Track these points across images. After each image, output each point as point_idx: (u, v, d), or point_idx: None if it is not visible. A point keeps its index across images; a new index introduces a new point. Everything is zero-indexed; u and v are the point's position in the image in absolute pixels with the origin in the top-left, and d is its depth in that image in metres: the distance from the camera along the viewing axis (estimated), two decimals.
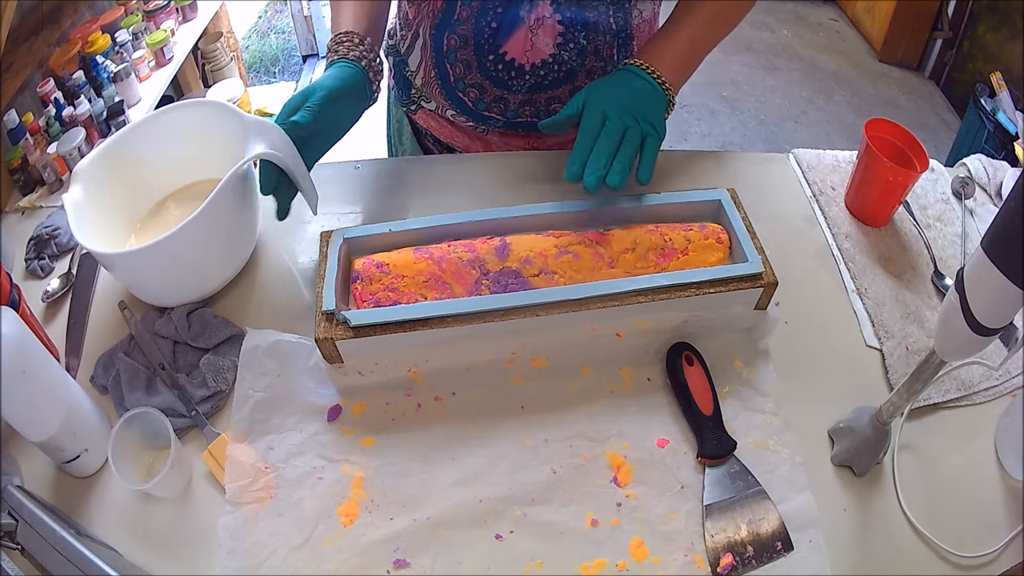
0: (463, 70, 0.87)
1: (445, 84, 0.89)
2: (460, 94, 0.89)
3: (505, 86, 0.87)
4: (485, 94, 0.88)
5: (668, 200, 0.76)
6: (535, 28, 0.83)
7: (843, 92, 2.74)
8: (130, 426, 0.62)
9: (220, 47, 2.27)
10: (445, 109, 0.93)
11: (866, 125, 0.83)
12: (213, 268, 0.75)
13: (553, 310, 0.68)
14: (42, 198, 1.21)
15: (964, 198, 0.90)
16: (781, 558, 0.61)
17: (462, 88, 0.88)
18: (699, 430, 0.66)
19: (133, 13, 1.78)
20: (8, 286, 0.66)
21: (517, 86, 0.87)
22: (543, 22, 0.82)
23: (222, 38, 2.28)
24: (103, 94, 1.58)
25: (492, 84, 0.87)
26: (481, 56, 0.85)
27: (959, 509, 0.64)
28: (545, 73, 0.86)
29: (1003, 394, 0.72)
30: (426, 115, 0.97)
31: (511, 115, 0.90)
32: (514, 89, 0.87)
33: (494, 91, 0.88)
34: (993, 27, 2.36)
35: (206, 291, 0.76)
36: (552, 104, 0.89)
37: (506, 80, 0.87)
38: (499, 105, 0.89)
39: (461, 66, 0.87)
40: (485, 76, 0.87)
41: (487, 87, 0.87)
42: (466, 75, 0.87)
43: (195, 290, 0.75)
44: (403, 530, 0.62)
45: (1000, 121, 1.93)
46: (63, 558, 0.54)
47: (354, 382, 0.69)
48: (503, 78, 0.86)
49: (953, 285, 0.52)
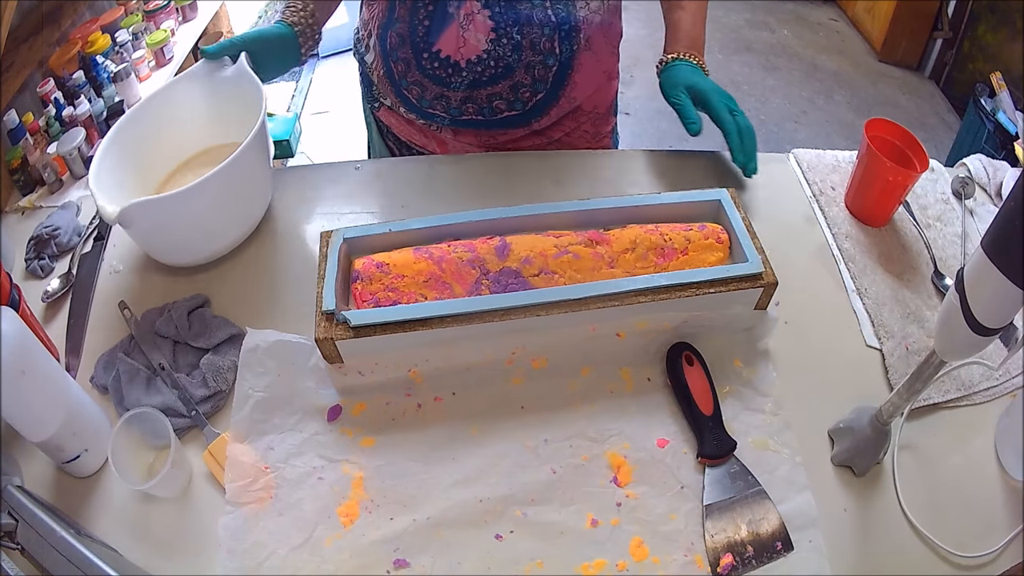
0: (404, 68, 0.89)
1: (392, 82, 0.92)
2: (405, 91, 0.91)
3: (444, 83, 0.88)
4: (426, 91, 0.89)
5: (668, 200, 0.76)
6: (465, 24, 0.83)
7: (843, 92, 2.74)
8: (130, 426, 0.62)
9: None
10: (398, 106, 0.95)
11: (866, 125, 0.83)
12: (231, 224, 0.80)
13: (553, 310, 0.68)
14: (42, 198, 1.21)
15: (964, 198, 0.90)
16: (781, 558, 0.61)
17: (406, 86, 0.90)
18: (699, 430, 0.66)
19: (133, 13, 1.78)
20: (8, 286, 0.66)
21: (455, 83, 0.88)
22: (472, 18, 0.83)
23: (222, 38, 2.28)
24: (103, 94, 1.58)
25: (431, 81, 0.88)
26: (418, 54, 0.87)
27: (959, 509, 0.64)
28: (482, 70, 0.86)
29: (1003, 394, 0.72)
30: (387, 113, 0.99)
31: (455, 112, 0.91)
32: (453, 86, 0.88)
33: (434, 88, 0.89)
34: (993, 27, 2.36)
35: (221, 249, 0.80)
36: (493, 100, 0.89)
37: (444, 77, 0.87)
38: (441, 103, 0.90)
39: (402, 64, 0.89)
40: (423, 74, 0.88)
41: (427, 85, 0.89)
42: (407, 73, 0.89)
43: (209, 247, 0.79)
44: (403, 530, 0.62)
45: (1000, 121, 1.93)
46: (63, 558, 0.54)
47: (354, 382, 0.69)
48: (440, 75, 0.87)
49: (953, 285, 0.52)
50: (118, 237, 0.84)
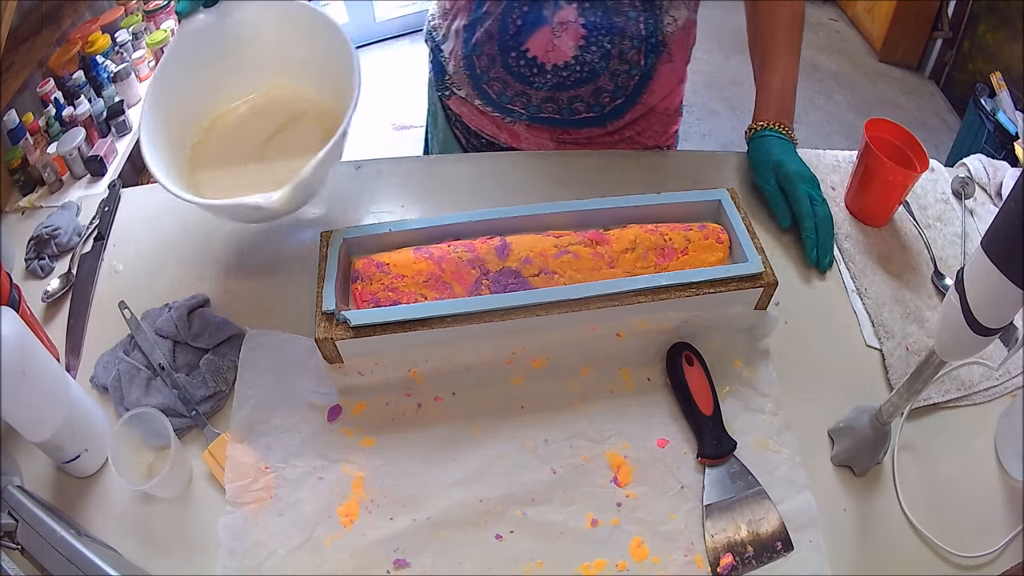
0: (487, 63, 0.89)
1: (472, 75, 0.92)
2: (485, 86, 0.91)
3: (527, 82, 0.89)
4: (508, 88, 0.90)
5: (668, 200, 0.76)
6: (558, 31, 0.84)
7: (843, 92, 2.74)
8: (130, 426, 0.62)
9: None
10: (473, 98, 0.95)
11: (866, 125, 0.83)
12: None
13: (553, 310, 0.68)
14: (42, 198, 1.21)
15: (964, 198, 0.90)
16: (781, 558, 0.61)
17: (486, 80, 0.91)
18: (699, 430, 0.66)
19: (133, 13, 1.78)
20: (8, 286, 0.66)
21: (539, 83, 0.88)
22: (567, 26, 0.84)
23: None
24: (103, 94, 1.58)
25: (514, 79, 0.89)
26: (505, 52, 0.87)
27: (959, 509, 0.64)
28: (568, 74, 0.87)
29: (1003, 394, 0.72)
30: (458, 102, 0.99)
31: (534, 110, 0.91)
32: (536, 86, 0.89)
33: (516, 86, 0.90)
34: (993, 27, 2.36)
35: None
36: (574, 103, 0.90)
37: (528, 77, 0.88)
38: (522, 99, 0.91)
39: (486, 59, 0.89)
40: (508, 71, 0.88)
41: (509, 82, 0.89)
42: (490, 68, 0.89)
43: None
44: (403, 530, 0.62)
45: (1000, 121, 1.93)
46: (63, 558, 0.54)
47: (354, 382, 0.69)
48: (525, 74, 0.88)
49: (953, 285, 0.52)
50: (118, 237, 0.84)
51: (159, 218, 0.86)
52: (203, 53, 0.78)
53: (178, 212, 0.87)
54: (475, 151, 1.01)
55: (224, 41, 0.79)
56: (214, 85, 0.81)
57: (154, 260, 0.81)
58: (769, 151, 0.85)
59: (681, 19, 0.88)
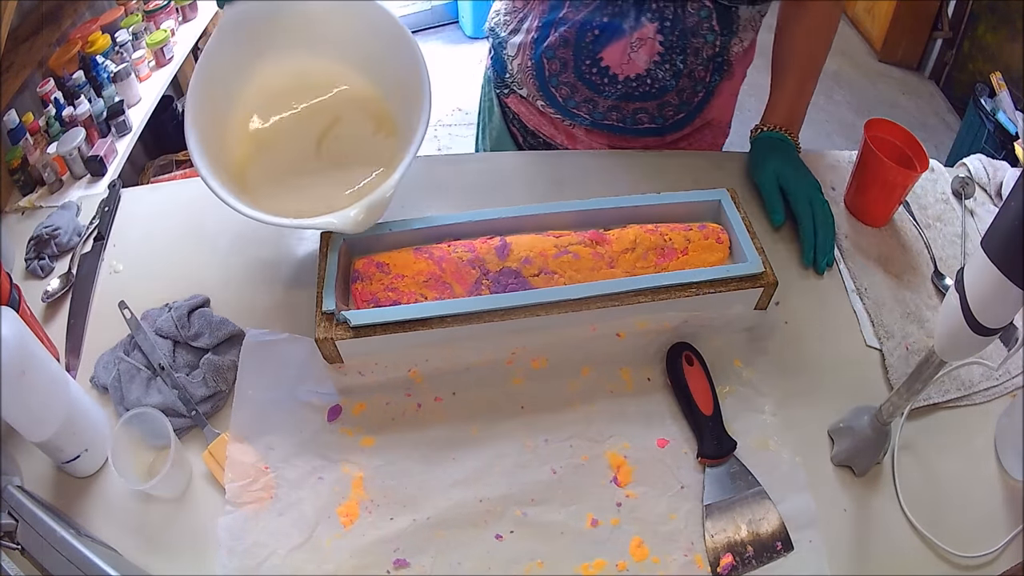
0: (559, 67, 0.90)
1: (539, 76, 0.92)
2: (552, 89, 0.92)
3: (596, 90, 0.90)
4: (576, 93, 0.91)
5: (668, 200, 0.76)
6: (636, 45, 0.85)
7: (843, 92, 2.74)
8: (130, 426, 0.62)
9: None
10: (536, 99, 0.95)
11: (866, 125, 0.83)
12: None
13: (553, 310, 0.68)
14: (42, 198, 1.21)
15: (964, 198, 0.90)
16: (781, 558, 0.61)
17: (555, 84, 0.91)
18: (699, 430, 0.66)
19: (133, 13, 1.78)
20: (8, 286, 0.66)
21: (608, 92, 0.89)
22: (645, 42, 0.85)
23: None
24: (103, 94, 1.57)
25: (584, 86, 0.90)
26: (579, 58, 0.88)
27: (959, 509, 0.64)
28: (637, 86, 0.88)
29: (1003, 394, 0.72)
30: (517, 100, 0.99)
31: (598, 116, 0.92)
32: (605, 94, 0.90)
33: (585, 92, 0.90)
34: (993, 27, 2.36)
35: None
36: (638, 114, 0.92)
37: (598, 85, 0.89)
38: (588, 106, 0.92)
39: (558, 63, 0.89)
40: (579, 77, 0.89)
41: (579, 87, 0.90)
42: (561, 73, 0.90)
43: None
44: (403, 530, 0.62)
45: (1000, 121, 1.93)
46: (63, 558, 0.54)
47: (354, 382, 0.69)
48: (595, 82, 0.89)
49: (953, 285, 0.52)
50: (118, 237, 0.84)
51: (159, 218, 0.86)
52: (244, 37, 0.75)
53: (178, 212, 0.87)
54: (531, 150, 1.02)
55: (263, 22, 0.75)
56: (253, 72, 0.77)
57: (154, 260, 0.81)
58: (772, 150, 0.86)
59: (747, 40, 0.90)
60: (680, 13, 0.83)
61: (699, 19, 0.84)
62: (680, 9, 0.83)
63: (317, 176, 0.76)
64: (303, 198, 0.74)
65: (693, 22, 0.84)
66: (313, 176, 0.77)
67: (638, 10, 0.83)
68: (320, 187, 0.75)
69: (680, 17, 0.83)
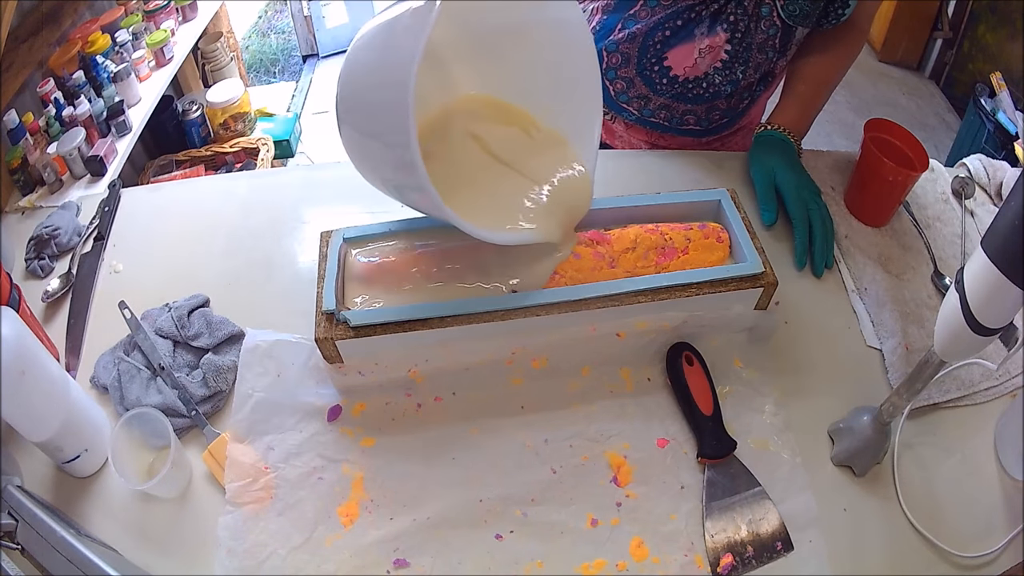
0: (620, 61, 0.91)
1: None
2: (608, 82, 0.93)
3: (652, 87, 0.92)
4: (631, 88, 0.93)
5: (668, 200, 0.76)
6: (704, 52, 0.87)
7: (843, 92, 2.74)
8: (130, 426, 0.62)
9: (220, 47, 2.27)
10: None
11: (866, 125, 0.83)
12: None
13: (553, 310, 0.67)
14: (42, 198, 1.21)
15: (964, 198, 0.90)
16: (781, 558, 0.61)
17: (612, 77, 0.93)
18: (699, 430, 0.66)
19: (133, 13, 1.78)
20: (8, 286, 0.66)
21: (663, 91, 0.92)
22: (713, 50, 0.87)
23: (222, 38, 2.28)
24: (103, 94, 1.57)
25: (642, 82, 0.92)
26: (644, 55, 0.89)
27: (959, 509, 0.64)
28: (692, 87, 0.90)
29: (1003, 394, 0.72)
30: None
31: (647, 113, 0.95)
32: (659, 92, 0.92)
33: (641, 88, 0.92)
34: (993, 27, 2.36)
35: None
36: (686, 115, 0.94)
37: (655, 83, 0.91)
38: (640, 101, 0.94)
39: (619, 57, 0.91)
40: (639, 73, 0.91)
41: (636, 83, 0.92)
42: (621, 67, 0.92)
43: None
44: (403, 530, 0.62)
45: (1000, 121, 1.93)
46: (63, 558, 0.54)
47: (354, 382, 0.69)
48: (654, 80, 0.91)
49: (953, 285, 0.52)
50: (118, 237, 0.84)
51: (159, 218, 0.86)
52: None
53: (178, 212, 0.87)
54: None
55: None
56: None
57: (154, 260, 0.81)
58: (772, 148, 0.87)
59: (790, 55, 0.92)
60: (753, 28, 0.86)
61: (767, 36, 0.86)
62: (754, 24, 0.85)
63: (498, 176, 0.72)
64: (488, 200, 0.70)
65: (761, 38, 0.86)
66: (494, 175, 0.72)
67: (714, 19, 0.85)
68: (507, 189, 0.71)
69: (752, 32, 0.86)
